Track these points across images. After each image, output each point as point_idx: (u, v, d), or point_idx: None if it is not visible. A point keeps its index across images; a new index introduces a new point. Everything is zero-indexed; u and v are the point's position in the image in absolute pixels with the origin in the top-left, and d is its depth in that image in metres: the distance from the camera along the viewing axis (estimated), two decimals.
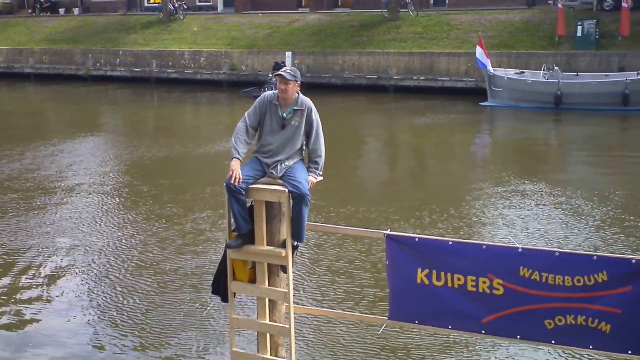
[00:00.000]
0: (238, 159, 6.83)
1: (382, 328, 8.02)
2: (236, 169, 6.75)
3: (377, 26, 37.19)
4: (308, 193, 6.81)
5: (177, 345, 9.24)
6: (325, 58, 35.79)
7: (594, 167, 19.68)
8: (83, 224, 14.23)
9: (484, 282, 6.51)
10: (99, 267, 11.89)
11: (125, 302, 10.54)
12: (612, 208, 14.56)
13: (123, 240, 13.25)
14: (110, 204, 15.73)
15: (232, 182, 6.71)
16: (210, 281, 8.32)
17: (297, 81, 6.93)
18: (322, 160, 7.05)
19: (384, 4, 38.22)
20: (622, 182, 17.15)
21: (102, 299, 10.68)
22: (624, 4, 30.78)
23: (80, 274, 11.66)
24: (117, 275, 11.56)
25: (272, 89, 7.09)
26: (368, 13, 39.26)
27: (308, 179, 6.93)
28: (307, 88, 33.30)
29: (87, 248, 12.85)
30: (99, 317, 10.08)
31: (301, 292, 10.60)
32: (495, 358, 8.80)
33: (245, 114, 7.03)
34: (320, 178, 7.03)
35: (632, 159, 20.21)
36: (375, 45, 35.41)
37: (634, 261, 6.14)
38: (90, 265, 11.99)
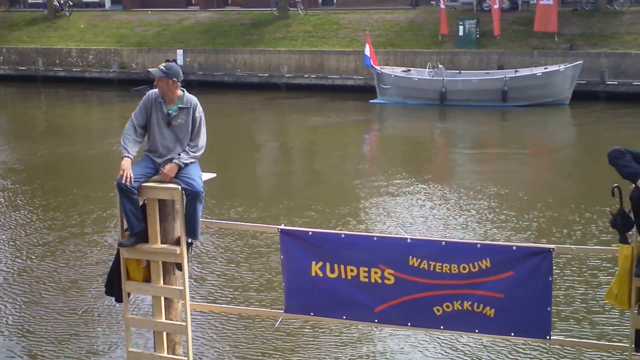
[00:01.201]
0: (129, 157, 6.79)
1: (279, 322, 8.16)
2: (127, 168, 6.72)
3: (267, 25, 37.31)
4: (202, 190, 6.86)
5: (72, 348, 9.09)
6: (216, 56, 35.67)
7: (475, 162, 20.45)
8: None
9: (375, 273, 6.72)
10: None
11: (12, 310, 10.19)
12: (490, 201, 15.15)
13: (3, 247, 12.75)
14: None
15: (122, 181, 6.69)
16: (103, 282, 8.23)
17: (171, 78, 6.90)
18: (196, 152, 7.00)
19: (273, 3, 38.39)
20: (499, 177, 17.86)
21: None
22: (495, 5, 32.03)
23: None
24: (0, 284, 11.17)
25: None
26: (258, 12, 39.32)
27: (200, 175, 6.98)
28: (200, 86, 33.14)
29: None
30: None
31: (197, 289, 10.61)
32: (388, 348, 9.06)
33: (132, 114, 7.01)
34: (187, 163, 6.90)
35: (509, 154, 21.07)
36: (267, 44, 35.53)
37: (514, 248, 6.50)
38: None
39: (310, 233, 6.94)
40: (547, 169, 19.87)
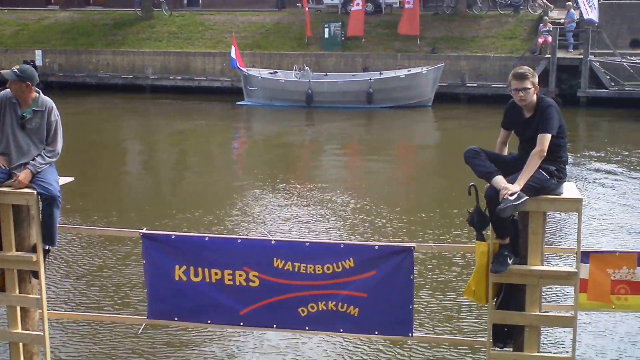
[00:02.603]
0: None
1: (142, 328, 7.97)
2: None
3: (131, 25, 36.61)
4: (59, 194, 6.64)
5: None
6: (78, 57, 34.72)
7: (340, 164, 20.74)
8: None
9: (240, 275, 6.69)
10: None
11: None
12: (354, 203, 15.32)
13: None
14: None
15: None
16: None
17: (24, 81, 6.63)
18: (52, 157, 6.77)
19: (137, 3, 37.69)
20: (363, 178, 18.17)
21: None
22: (354, 7, 32.61)
23: None
24: None
25: None
26: (121, 11, 38.47)
27: (56, 178, 6.74)
28: (60, 88, 32.18)
29: None
30: None
31: (55, 297, 10.21)
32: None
33: None
34: (42, 168, 6.72)
35: (374, 156, 21.45)
36: (130, 45, 34.87)
37: (377, 247, 6.61)
38: None
39: (173, 237, 6.84)
40: (410, 169, 20.36)
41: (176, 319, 6.94)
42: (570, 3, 31.59)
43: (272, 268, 6.62)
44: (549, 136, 6.09)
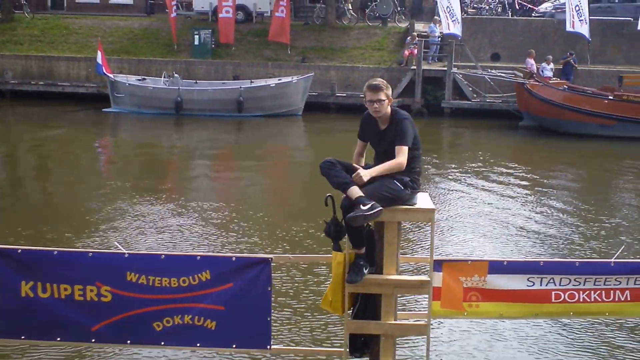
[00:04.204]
0: None
1: None
2: None
3: None
4: None
5: None
6: None
7: (209, 174, 20.48)
8: None
9: (91, 291, 6.45)
10: None
11: None
12: (220, 214, 15.11)
13: None
14: None
15: None
16: None
17: None
18: None
19: None
20: (228, 189, 18.11)
21: None
22: (223, 15, 32.41)
23: None
24: None
25: None
26: None
27: None
28: None
29: None
30: None
31: None
32: None
33: None
34: None
35: (241, 166, 21.36)
36: None
37: (234, 259, 6.51)
38: None
39: (19, 251, 6.51)
40: (278, 180, 20.31)
41: (23, 337, 6.61)
42: (437, 17, 32.52)
43: (125, 282, 6.41)
44: (406, 149, 6.19)
